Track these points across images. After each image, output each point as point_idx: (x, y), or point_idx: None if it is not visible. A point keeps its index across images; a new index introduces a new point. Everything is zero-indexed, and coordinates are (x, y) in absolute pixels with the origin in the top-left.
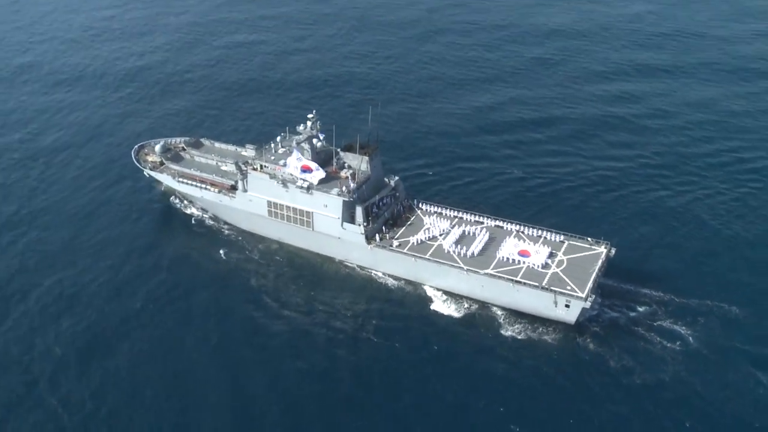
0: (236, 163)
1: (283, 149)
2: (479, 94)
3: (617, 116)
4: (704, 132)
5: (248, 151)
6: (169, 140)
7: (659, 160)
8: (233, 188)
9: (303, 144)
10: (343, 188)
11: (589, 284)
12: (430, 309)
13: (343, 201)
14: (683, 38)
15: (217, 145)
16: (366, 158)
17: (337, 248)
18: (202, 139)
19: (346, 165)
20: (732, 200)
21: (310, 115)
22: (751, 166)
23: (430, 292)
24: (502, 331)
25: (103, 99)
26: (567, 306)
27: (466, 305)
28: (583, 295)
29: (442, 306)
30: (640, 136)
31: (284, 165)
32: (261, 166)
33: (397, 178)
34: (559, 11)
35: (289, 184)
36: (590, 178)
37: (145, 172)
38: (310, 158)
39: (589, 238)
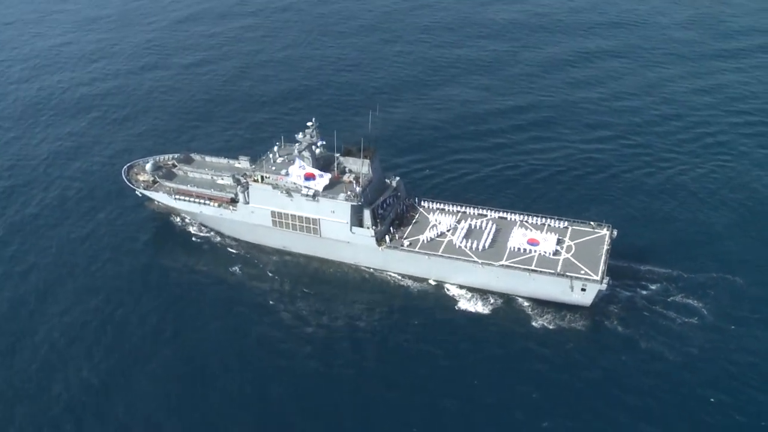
0: (234, 176)
1: (281, 158)
2: (456, 88)
3: (589, 100)
4: (671, 109)
5: (242, 163)
6: (159, 158)
7: (638, 140)
8: (233, 201)
9: (304, 152)
10: (350, 192)
11: (602, 267)
12: (450, 305)
13: (351, 205)
14: (630, 26)
15: (208, 159)
16: (367, 161)
17: (346, 252)
18: (192, 154)
19: (347, 169)
20: (710, 172)
21: (309, 123)
22: (720, 140)
23: (447, 287)
24: (526, 321)
25: (75, 125)
26: (583, 290)
27: (486, 298)
28: (599, 278)
29: (463, 301)
30: (613, 118)
31: (286, 174)
32: (262, 177)
33: (398, 178)
34: (508, 6)
35: (293, 193)
36: (577, 160)
37: (137, 192)
38: (311, 165)
39: (591, 222)
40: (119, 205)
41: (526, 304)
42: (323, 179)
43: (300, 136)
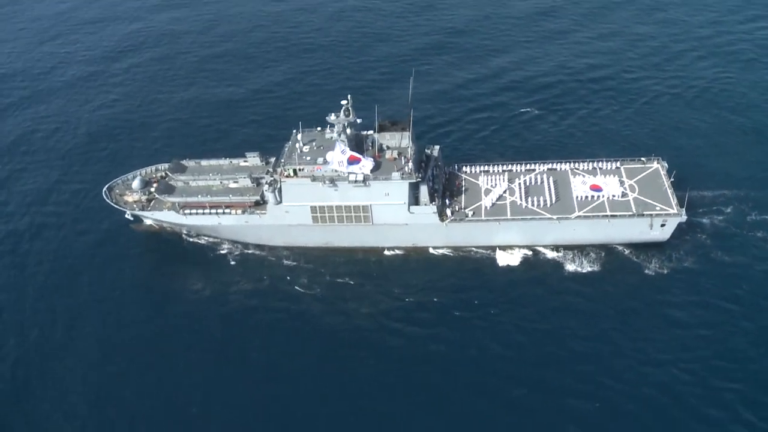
0: (251, 177)
1: (308, 146)
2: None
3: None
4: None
5: (251, 160)
6: (143, 171)
7: (644, 72)
8: (257, 204)
9: (341, 135)
10: (405, 169)
11: (674, 199)
12: (504, 267)
13: (409, 183)
14: None
15: (204, 163)
16: (407, 133)
17: (403, 236)
18: (184, 161)
19: (384, 146)
20: (729, 84)
21: (344, 102)
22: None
23: (500, 253)
24: (626, 269)
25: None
26: (662, 225)
27: (567, 255)
28: (678, 211)
29: (513, 260)
30: (611, 55)
31: (324, 162)
32: (295, 171)
33: (437, 146)
34: None
35: (338, 182)
36: (598, 95)
37: (127, 215)
38: (351, 148)
39: (642, 158)
40: (109, 236)
41: (603, 253)
42: (369, 161)
43: (332, 117)
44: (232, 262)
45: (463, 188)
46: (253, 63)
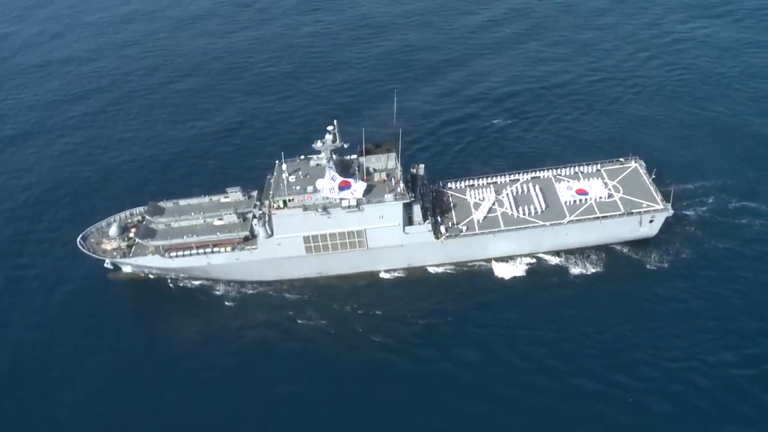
0: (237, 212)
1: (294, 176)
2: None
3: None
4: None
5: (232, 196)
6: (117, 217)
7: (604, 73)
8: (246, 239)
9: (330, 161)
10: (397, 190)
11: (658, 195)
12: (507, 278)
13: (404, 204)
14: None
15: (183, 202)
16: (393, 154)
17: (398, 257)
18: (161, 203)
19: (371, 169)
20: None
21: (330, 127)
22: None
23: (500, 264)
24: (630, 268)
25: None
26: (651, 221)
27: (567, 259)
28: (664, 206)
29: (515, 270)
30: (566, 61)
31: (314, 191)
32: (284, 202)
33: (422, 165)
34: None
35: (330, 209)
36: (563, 99)
37: (107, 264)
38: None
39: (621, 159)
40: (88, 288)
41: (603, 254)
42: (360, 184)
43: (319, 144)
44: (228, 303)
45: (452, 204)
46: (213, 96)
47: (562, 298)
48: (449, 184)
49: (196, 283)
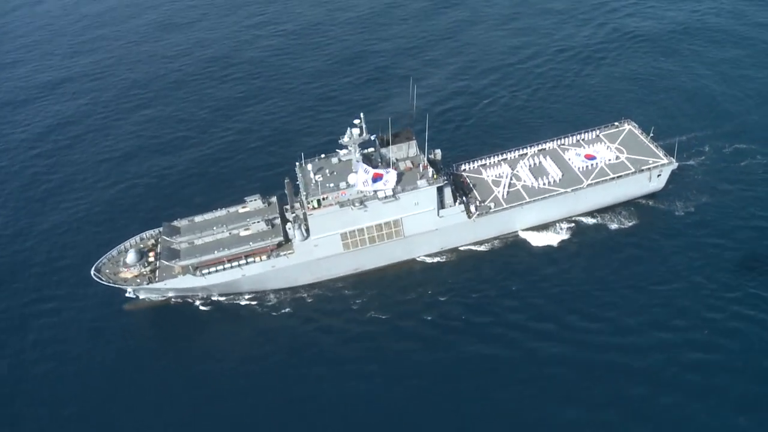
0: (266, 220)
1: (320, 175)
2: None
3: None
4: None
5: (251, 204)
6: (128, 243)
7: (577, 49)
8: (280, 245)
9: (358, 154)
10: (429, 175)
11: (661, 151)
12: (541, 245)
13: (437, 188)
14: None
15: (198, 219)
16: (414, 142)
17: (432, 242)
18: (174, 222)
19: (393, 159)
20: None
21: (356, 121)
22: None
23: (522, 234)
24: (652, 222)
25: None
26: (659, 176)
27: (585, 223)
28: (669, 161)
29: (546, 239)
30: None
31: (347, 186)
32: (319, 201)
33: (438, 150)
34: None
35: (367, 202)
36: (555, 71)
37: (128, 293)
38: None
39: (615, 123)
40: (113, 322)
41: (632, 208)
42: (392, 174)
43: (346, 138)
44: (274, 313)
45: (472, 184)
46: (189, 115)
47: (608, 252)
48: (462, 166)
49: (223, 298)
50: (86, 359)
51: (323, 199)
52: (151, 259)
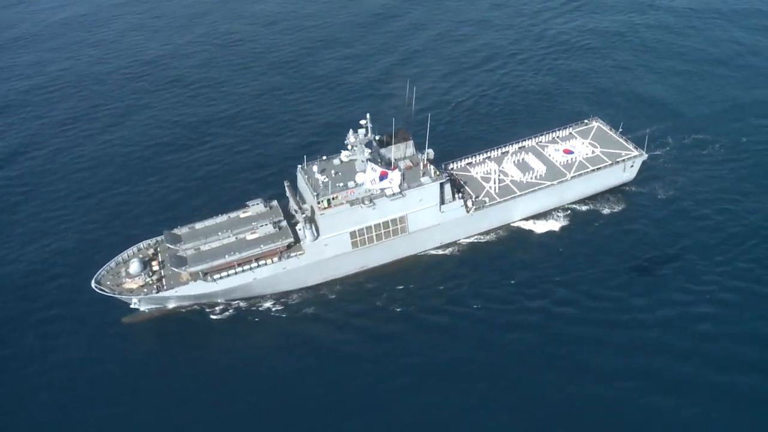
0: (273, 223)
1: (325, 176)
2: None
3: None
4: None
5: (253, 209)
6: (125, 253)
7: (546, 49)
8: (289, 247)
9: (366, 154)
10: (431, 173)
11: (630, 144)
12: (539, 233)
13: (440, 183)
14: None
15: (199, 226)
16: (410, 142)
17: (434, 237)
18: (175, 230)
19: (392, 158)
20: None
21: (363, 121)
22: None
23: (524, 225)
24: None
25: None
26: (632, 166)
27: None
28: (639, 153)
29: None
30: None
31: (356, 185)
32: (328, 201)
33: (431, 150)
34: None
35: (375, 200)
36: (523, 80)
37: (134, 304)
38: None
39: (585, 120)
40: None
41: (620, 195)
42: (396, 173)
43: (352, 138)
44: (299, 315)
45: (463, 181)
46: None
47: (612, 232)
48: (450, 165)
49: (221, 306)
50: (87, 375)
51: (333, 198)
52: (155, 267)
